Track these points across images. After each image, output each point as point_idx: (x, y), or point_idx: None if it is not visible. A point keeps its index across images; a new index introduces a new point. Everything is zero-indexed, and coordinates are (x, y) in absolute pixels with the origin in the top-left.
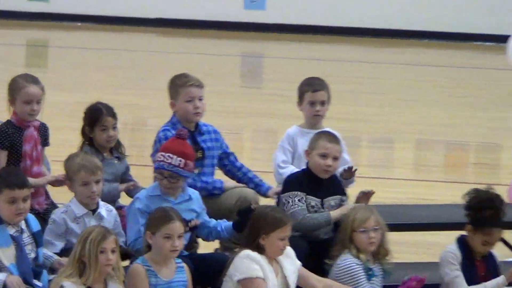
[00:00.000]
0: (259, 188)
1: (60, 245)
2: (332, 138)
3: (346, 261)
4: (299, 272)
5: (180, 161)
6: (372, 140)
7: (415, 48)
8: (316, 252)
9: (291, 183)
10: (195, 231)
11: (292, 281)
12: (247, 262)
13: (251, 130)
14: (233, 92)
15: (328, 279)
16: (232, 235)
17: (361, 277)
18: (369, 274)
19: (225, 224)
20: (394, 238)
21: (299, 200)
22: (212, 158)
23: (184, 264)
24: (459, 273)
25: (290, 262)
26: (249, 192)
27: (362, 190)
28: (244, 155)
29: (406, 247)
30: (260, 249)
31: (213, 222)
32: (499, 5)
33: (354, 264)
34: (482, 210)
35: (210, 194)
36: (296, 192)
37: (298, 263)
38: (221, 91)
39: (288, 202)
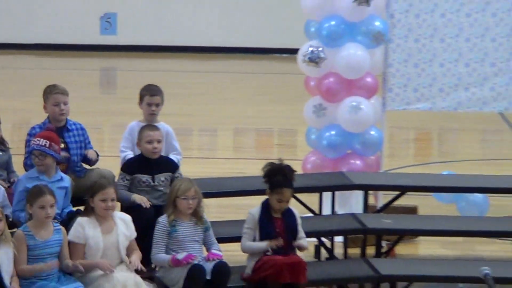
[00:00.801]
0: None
1: None
2: (152, 127)
3: (160, 218)
4: (130, 241)
5: (46, 142)
6: (200, 130)
7: (233, 60)
8: (161, 213)
9: (124, 165)
10: None
11: (122, 241)
12: (75, 227)
13: (108, 125)
14: (95, 97)
15: (137, 251)
16: None
17: (162, 230)
18: (173, 228)
19: None
20: (218, 203)
21: (121, 179)
22: (76, 149)
23: (61, 227)
24: (247, 231)
25: (125, 227)
26: (106, 171)
27: None
28: (105, 144)
29: (228, 209)
30: (91, 212)
31: None
32: (291, 27)
33: (161, 223)
34: (274, 175)
35: (77, 175)
36: (123, 173)
37: (134, 234)
38: (85, 96)
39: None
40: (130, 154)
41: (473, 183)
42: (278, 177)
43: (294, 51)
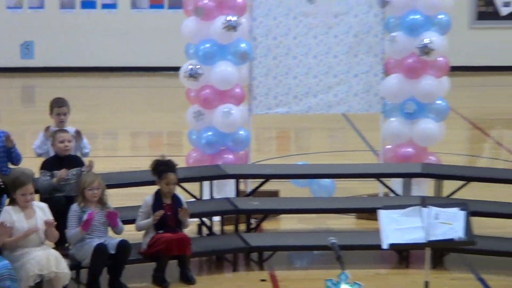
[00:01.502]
0: None
1: None
2: (63, 130)
3: (72, 206)
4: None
5: None
6: (104, 133)
7: (131, 77)
8: (73, 202)
9: (43, 164)
10: None
11: (41, 224)
12: (3, 214)
13: (29, 132)
14: (17, 110)
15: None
16: None
17: (74, 215)
18: (83, 213)
19: None
20: (120, 192)
21: (43, 175)
22: (3, 153)
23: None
24: (141, 214)
25: (43, 213)
26: (27, 170)
27: None
28: (26, 147)
29: (127, 197)
30: (15, 202)
31: None
32: (175, 49)
33: (73, 210)
34: (160, 166)
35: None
36: (43, 170)
37: (50, 218)
38: (9, 110)
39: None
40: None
41: (322, 171)
42: (162, 167)
43: (177, 69)
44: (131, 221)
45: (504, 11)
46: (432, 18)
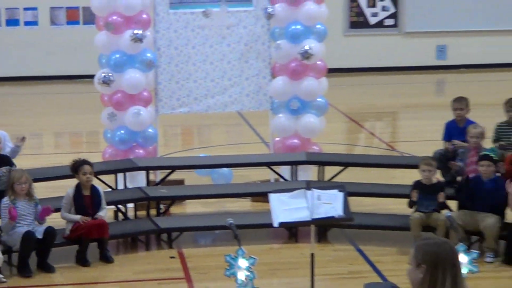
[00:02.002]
0: None
1: None
2: None
3: (3, 199)
4: None
5: None
6: (30, 134)
7: (53, 84)
8: (3, 196)
9: None
10: None
11: None
12: None
13: None
14: None
15: None
16: None
17: (5, 207)
18: (14, 205)
19: None
20: (45, 185)
21: None
22: None
23: None
24: (64, 205)
25: None
26: None
27: None
28: None
29: (52, 189)
30: None
31: None
32: (90, 59)
33: (4, 203)
34: (75, 163)
35: None
36: None
37: None
38: None
39: None
40: None
41: (221, 161)
42: (79, 162)
43: (91, 77)
44: (57, 210)
45: (372, 20)
46: (311, 28)
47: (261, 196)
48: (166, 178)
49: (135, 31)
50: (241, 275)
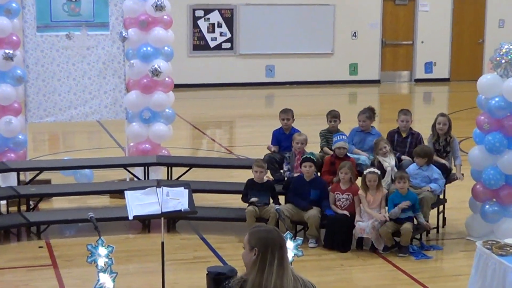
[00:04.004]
0: None
1: None
2: None
3: None
4: None
5: None
6: None
7: None
8: None
9: None
10: None
11: None
12: None
13: None
14: None
15: None
16: None
17: None
18: None
19: None
20: None
21: None
22: None
23: None
24: None
25: None
26: None
27: None
28: None
29: None
30: None
31: None
32: None
33: None
34: None
35: None
36: None
37: None
38: None
39: None
40: None
41: (83, 163)
42: None
43: None
44: None
45: (212, 44)
46: (159, 49)
47: (118, 193)
48: (35, 178)
49: (7, 51)
50: (101, 262)
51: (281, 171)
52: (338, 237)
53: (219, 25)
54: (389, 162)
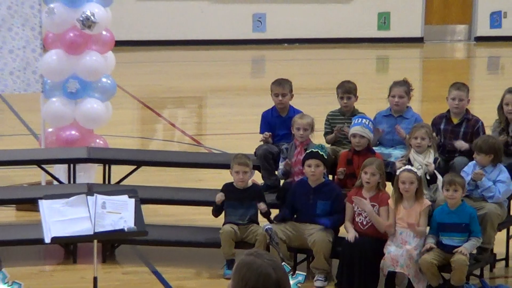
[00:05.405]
0: None
1: None
2: None
3: None
4: None
5: None
6: None
7: None
8: None
9: None
10: None
11: None
12: None
13: None
14: None
15: None
16: None
17: None
18: None
19: None
20: None
21: None
22: None
23: None
24: None
25: None
26: None
27: None
28: None
29: None
30: None
31: None
32: None
33: None
34: None
35: None
36: None
37: None
38: None
39: None
40: None
41: None
42: None
43: None
44: None
45: None
46: None
47: (29, 204)
48: None
49: None
50: None
51: (276, 172)
52: (358, 271)
53: None
54: (423, 160)
